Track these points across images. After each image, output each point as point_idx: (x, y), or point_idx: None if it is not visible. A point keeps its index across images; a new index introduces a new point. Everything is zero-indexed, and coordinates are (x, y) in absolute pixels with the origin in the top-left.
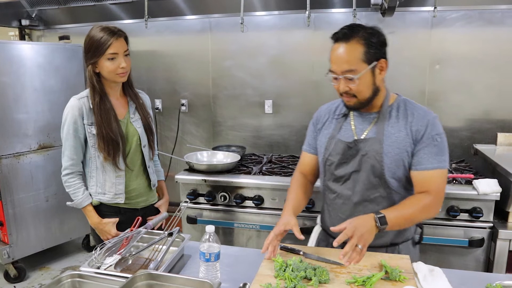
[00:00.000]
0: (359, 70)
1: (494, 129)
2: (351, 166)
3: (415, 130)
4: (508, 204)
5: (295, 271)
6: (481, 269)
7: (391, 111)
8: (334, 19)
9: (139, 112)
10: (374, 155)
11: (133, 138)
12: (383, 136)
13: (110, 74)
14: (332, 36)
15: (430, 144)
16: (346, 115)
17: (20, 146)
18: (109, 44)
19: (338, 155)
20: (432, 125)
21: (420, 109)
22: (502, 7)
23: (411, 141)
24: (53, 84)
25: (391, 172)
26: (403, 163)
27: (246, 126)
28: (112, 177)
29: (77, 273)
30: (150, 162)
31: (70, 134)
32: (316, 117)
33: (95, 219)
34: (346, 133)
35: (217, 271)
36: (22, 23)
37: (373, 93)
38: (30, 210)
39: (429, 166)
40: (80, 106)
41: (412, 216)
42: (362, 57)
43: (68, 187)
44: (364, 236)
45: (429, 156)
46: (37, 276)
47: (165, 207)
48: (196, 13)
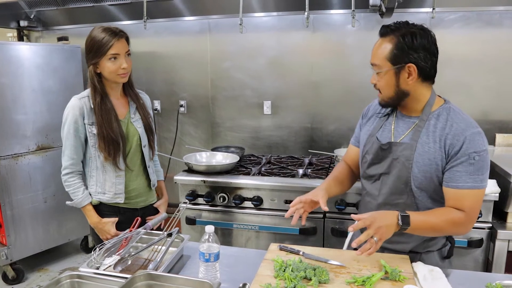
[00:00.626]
0: (382, 67)
1: (492, 130)
2: (381, 167)
3: (449, 144)
4: (506, 205)
5: (294, 271)
6: (480, 270)
7: (431, 119)
8: (332, 20)
9: (140, 112)
10: (404, 161)
11: (134, 138)
12: (416, 143)
13: (111, 75)
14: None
15: (465, 162)
16: (388, 115)
17: (19, 147)
18: (111, 44)
19: (372, 154)
20: (470, 142)
21: (462, 122)
22: (500, 8)
23: (443, 155)
24: (51, 85)
25: (417, 182)
26: (431, 175)
27: (245, 127)
28: (112, 176)
29: (76, 273)
30: (150, 162)
31: (71, 134)
32: (366, 110)
33: (94, 218)
34: (384, 134)
35: (217, 271)
36: (21, 24)
37: (397, 95)
38: (28, 211)
39: (462, 185)
40: (81, 105)
41: (438, 227)
42: (387, 55)
43: (68, 186)
44: (382, 229)
45: (463, 174)
46: (35, 278)
47: (164, 207)
48: (195, 14)
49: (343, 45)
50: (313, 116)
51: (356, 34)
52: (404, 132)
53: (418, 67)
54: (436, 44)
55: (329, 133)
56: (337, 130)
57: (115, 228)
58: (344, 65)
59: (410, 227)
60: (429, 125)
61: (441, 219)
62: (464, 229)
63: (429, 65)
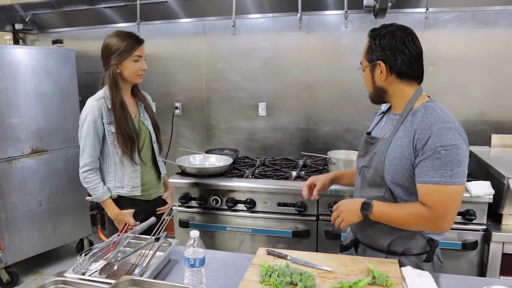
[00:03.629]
0: (362, 65)
1: (488, 130)
2: (364, 161)
3: (416, 138)
4: (501, 206)
5: (280, 276)
6: (475, 272)
7: (409, 116)
8: (327, 21)
9: (148, 112)
10: (379, 155)
11: (146, 135)
12: (392, 138)
13: (132, 75)
14: None
15: (431, 156)
16: (384, 113)
17: (13, 151)
18: (137, 47)
19: (360, 147)
20: (436, 136)
21: (433, 117)
22: (495, 8)
23: (411, 149)
24: (46, 88)
25: (390, 176)
26: (402, 169)
27: (240, 129)
28: (129, 171)
29: (61, 279)
30: (159, 156)
31: (91, 133)
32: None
33: (115, 210)
34: (376, 130)
35: (203, 277)
36: (16, 27)
37: (375, 91)
38: (23, 214)
39: (429, 180)
40: (99, 106)
41: (402, 218)
42: (365, 54)
43: (88, 182)
44: (343, 213)
45: (430, 169)
46: (30, 281)
47: (171, 198)
48: (190, 16)
49: (338, 46)
50: (308, 118)
51: (351, 35)
52: (388, 128)
53: (386, 64)
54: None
55: (324, 135)
56: (332, 131)
57: (133, 218)
58: (339, 66)
59: (372, 215)
60: (406, 121)
61: (405, 212)
62: (432, 226)
63: (398, 63)
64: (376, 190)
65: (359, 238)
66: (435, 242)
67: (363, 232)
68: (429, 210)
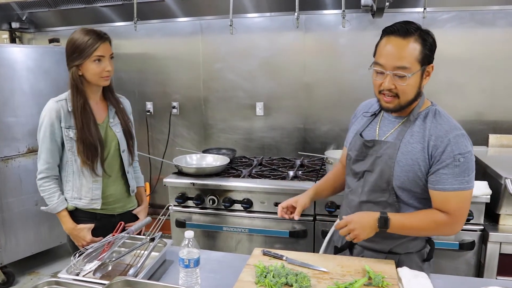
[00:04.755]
0: (412, 70)
1: (486, 130)
2: (365, 165)
3: (432, 145)
4: (498, 207)
5: (276, 277)
6: (472, 272)
7: (417, 119)
8: (325, 21)
9: (119, 117)
10: (386, 159)
11: (112, 143)
12: (400, 142)
13: (95, 77)
14: (386, 28)
15: (450, 164)
16: (375, 115)
17: (8, 150)
18: (97, 46)
19: (355, 151)
20: (454, 144)
21: (446, 124)
22: (494, 8)
23: (426, 156)
24: (42, 88)
25: (399, 181)
26: (413, 175)
27: (237, 129)
28: (89, 182)
29: (54, 279)
30: (130, 168)
31: (47, 137)
32: (355, 112)
33: (69, 224)
34: (369, 133)
35: (197, 277)
36: (12, 26)
37: (415, 97)
38: (19, 214)
39: (448, 187)
40: (58, 108)
41: (420, 228)
42: (418, 56)
43: (43, 191)
44: (356, 230)
45: (449, 176)
46: (26, 281)
47: (143, 213)
48: (187, 15)
49: (335, 45)
50: (305, 117)
51: (348, 35)
52: (389, 131)
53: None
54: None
55: (322, 134)
56: (330, 131)
57: (91, 234)
58: (336, 65)
59: (390, 229)
60: (414, 126)
61: (424, 222)
62: (450, 231)
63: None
64: (378, 195)
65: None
66: (433, 242)
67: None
68: (447, 216)
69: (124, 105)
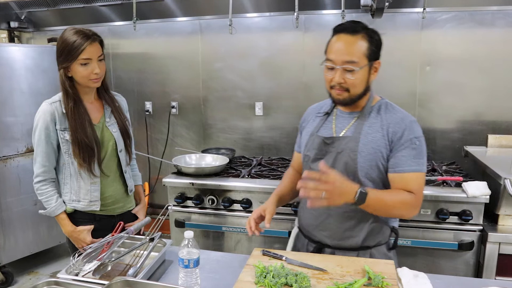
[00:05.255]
0: (360, 64)
1: (485, 130)
2: (326, 162)
3: (391, 132)
4: (497, 207)
5: (275, 277)
6: (471, 273)
7: (371, 112)
8: (324, 21)
9: (115, 116)
10: (348, 153)
11: (109, 143)
12: (360, 135)
13: (83, 80)
14: (336, 27)
15: (408, 147)
16: (328, 114)
17: (7, 150)
18: (82, 49)
19: (314, 150)
20: (410, 129)
21: (399, 112)
22: (493, 8)
23: (386, 142)
24: (41, 87)
25: (364, 172)
26: (376, 164)
27: (236, 129)
28: (87, 183)
29: (54, 280)
30: (127, 167)
31: (42, 140)
32: (303, 118)
33: (68, 227)
34: (325, 131)
35: (197, 278)
36: (11, 25)
37: (364, 91)
38: (18, 214)
39: (408, 169)
40: (52, 111)
41: (391, 205)
42: (365, 52)
43: (41, 195)
44: (334, 192)
45: (408, 158)
46: (25, 281)
47: (142, 212)
48: (187, 15)
49: None
50: None
51: None
52: (345, 126)
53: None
54: None
55: None
56: None
57: (90, 236)
58: None
59: (365, 204)
60: (369, 118)
61: (396, 199)
62: (413, 211)
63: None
64: None
65: (328, 242)
66: (397, 230)
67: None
68: (413, 196)
69: (120, 103)
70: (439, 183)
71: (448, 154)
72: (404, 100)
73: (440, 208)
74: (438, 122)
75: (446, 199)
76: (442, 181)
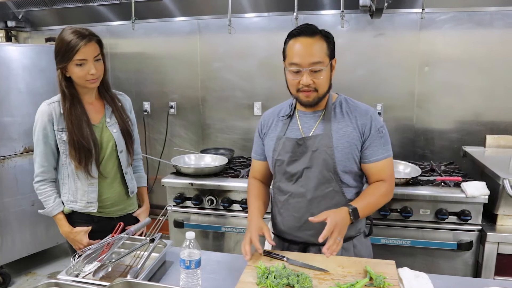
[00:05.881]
0: (325, 63)
1: (483, 131)
2: (302, 163)
3: (360, 124)
4: (496, 207)
5: (277, 278)
6: (470, 272)
7: (335, 108)
8: (323, 21)
9: (116, 116)
10: (325, 150)
11: (108, 144)
12: (331, 131)
13: (80, 80)
14: (293, 31)
15: (377, 136)
16: (291, 116)
17: (5, 150)
18: (77, 49)
19: (288, 153)
20: (375, 119)
21: (362, 105)
22: (491, 9)
23: (358, 134)
24: (38, 87)
25: (342, 166)
26: (352, 156)
27: (235, 129)
28: (84, 184)
29: (54, 281)
30: (128, 169)
31: (40, 141)
32: (261, 124)
33: (65, 228)
34: (293, 132)
35: (198, 279)
36: (8, 25)
37: (328, 89)
38: (15, 214)
39: (381, 157)
40: (50, 111)
41: (376, 204)
42: (326, 51)
43: (40, 194)
44: (343, 230)
45: (379, 148)
46: (23, 282)
47: (144, 215)
48: (185, 14)
49: None
50: None
51: (346, 35)
52: (313, 126)
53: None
54: None
55: None
56: None
57: (87, 237)
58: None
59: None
60: (335, 114)
61: (376, 196)
62: (390, 196)
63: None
64: (325, 186)
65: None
66: (370, 217)
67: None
68: (386, 183)
69: (124, 103)
70: (438, 183)
71: (446, 154)
72: (403, 100)
73: (439, 208)
74: (436, 122)
75: (445, 199)
76: (441, 181)
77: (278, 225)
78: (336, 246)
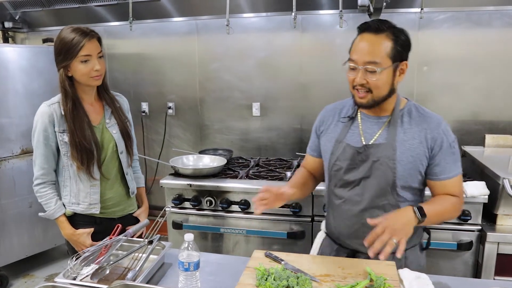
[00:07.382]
0: (382, 65)
1: (482, 130)
2: (361, 172)
3: (430, 138)
4: (496, 207)
5: (277, 280)
6: (470, 273)
7: (402, 116)
8: (321, 21)
9: (115, 117)
10: (387, 161)
11: (109, 145)
12: (395, 142)
13: (84, 78)
14: (360, 26)
15: (449, 152)
16: (353, 118)
17: (2, 151)
18: (82, 45)
19: (347, 160)
20: (447, 133)
21: (433, 116)
22: (490, 9)
23: (425, 149)
24: (36, 88)
25: (402, 181)
26: (415, 172)
27: (233, 129)
28: (86, 186)
29: (51, 284)
30: (128, 169)
31: (41, 142)
32: (320, 120)
33: (68, 230)
34: (353, 138)
35: (197, 281)
36: (5, 26)
37: (389, 94)
38: (13, 216)
39: (453, 174)
40: (50, 113)
41: (445, 213)
42: (389, 52)
43: (40, 197)
44: (397, 230)
45: (451, 164)
46: (20, 284)
47: (144, 215)
48: (183, 15)
49: (332, 45)
50: (302, 117)
51: (345, 35)
52: (376, 132)
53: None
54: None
55: None
56: None
57: (90, 239)
58: (333, 65)
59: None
60: (403, 123)
61: (446, 205)
62: (459, 212)
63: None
64: (382, 199)
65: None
66: (429, 230)
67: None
68: (457, 199)
69: (121, 104)
70: None
71: None
72: None
73: None
74: None
75: None
76: None
77: (331, 227)
78: (390, 248)
